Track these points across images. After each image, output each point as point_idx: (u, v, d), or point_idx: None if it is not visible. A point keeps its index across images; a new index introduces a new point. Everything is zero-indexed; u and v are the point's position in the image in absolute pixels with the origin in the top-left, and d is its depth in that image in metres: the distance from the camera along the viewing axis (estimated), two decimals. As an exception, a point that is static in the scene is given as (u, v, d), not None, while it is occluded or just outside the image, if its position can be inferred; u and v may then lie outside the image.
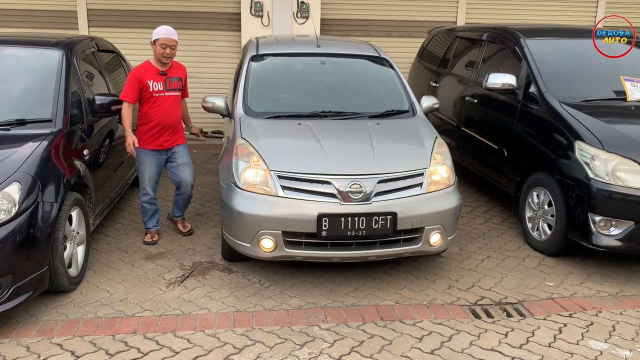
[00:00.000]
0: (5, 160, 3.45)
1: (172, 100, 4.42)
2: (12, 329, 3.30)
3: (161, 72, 4.35)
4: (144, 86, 4.28)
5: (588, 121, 4.32)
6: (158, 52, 4.29)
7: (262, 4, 7.87)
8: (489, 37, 5.89)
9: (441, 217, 3.79)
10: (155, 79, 4.33)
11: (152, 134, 4.38)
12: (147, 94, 4.31)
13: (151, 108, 4.34)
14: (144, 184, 4.48)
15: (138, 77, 4.26)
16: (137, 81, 4.26)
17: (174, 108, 4.43)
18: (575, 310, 3.69)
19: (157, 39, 4.27)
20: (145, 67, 4.35)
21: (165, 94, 4.36)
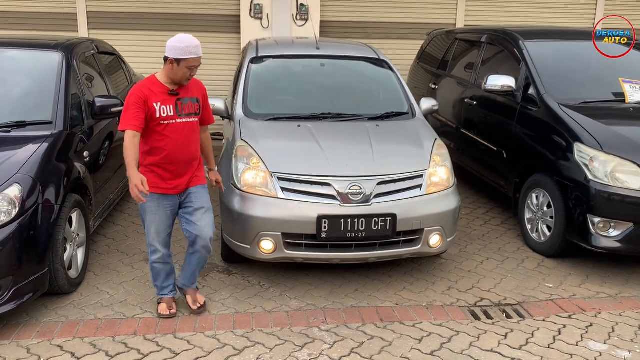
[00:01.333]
0: (5, 162, 3.46)
1: (186, 129, 3.30)
2: (13, 331, 3.30)
3: (171, 92, 3.25)
4: (149, 111, 3.19)
5: (587, 123, 4.33)
6: (180, 73, 3.20)
7: (262, 6, 7.89)
8: (488, 39, 5.90)
9: (441, 218, 3.80)
10: (164, 101, 3.22)
11: (160, 173, 3.30)
12: (154, 120, 3.21)
13: (159, 139, 3.25)
14: (151, 239, 3.40)
15: (143, 97, 3.16)
16: (142, 103, 3.15)
17: (188, 138, 3.32)
18: (574, 311, 3.70)
19: (184, 59, 3.15)
20: (151, 84, 3.24)
21: (176, 121, 3.25)
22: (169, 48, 3.16)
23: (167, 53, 3.17)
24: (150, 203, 3.30)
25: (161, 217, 3.36)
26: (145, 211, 3.36)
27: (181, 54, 3.14)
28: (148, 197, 3.19)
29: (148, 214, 3.36)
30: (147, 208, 3.34)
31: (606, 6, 8.86)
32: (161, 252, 3.43)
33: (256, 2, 7.88)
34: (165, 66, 3.21)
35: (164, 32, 8.05)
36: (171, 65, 3.18)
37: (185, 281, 3.59)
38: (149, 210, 3.35)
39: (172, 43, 3.17)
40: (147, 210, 3.35)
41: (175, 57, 3.15)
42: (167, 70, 3.22)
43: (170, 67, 3.20)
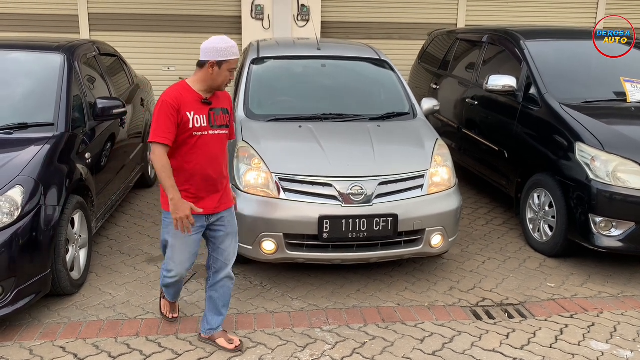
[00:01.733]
0: (7, 164, 3.47)
1: (218, 142, 2.98)
2: (15, 332, 3.31)
3: (204, 101, 2.92)
4: (182, 121, 2.84)
5: (588, 122, 4.33)
6: (221, 78, 2.89)
7: (263, 7, 7.90)
8: (489, 39, 5.90)
9: (442, 218, 3.80)
10: (197, 110, 2.89)
11: (190, 191, 2.94)
12: (186, 131, 2.86)
13: (190, 152, 2.90)
14: (172, 265, 3.05)
15: (176, 106, 2.82)
16: (175, 112, 2.81)
17: (220, 152, 3.00)
18: (576, 311, 3.69)
19: (227, 61, 2.85)
20: (182, 91, 2.89)
21: (209, 132, 2.93)
22: (208, 50, 2.83)
23: (206, 56, 2.84)
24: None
25: (188, 243, 2.98)
26: (170, 234, 2.97)
27: (224, 55, 2.83)
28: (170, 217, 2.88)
29: (172, 238, 2.98)
30: (172, 231, 2.95)
31: (607, 6, 8.85)
32: (181, 273, 3.09)
33: (257, 3, 7.90)
34: (201, 71, 2.88)
35: (165, 33, 8.09)
36: (211, 70, 2.84)
37: (213, 324, 3.18)
38: (174, 234, 2.95)
39: (212, 45, 2.84)
40: (172, 234, 2.96)
41: (218, 60, 2.82)
42: (205, 75, 2.87)
43: (209, 72, 2.85)
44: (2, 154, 3.59)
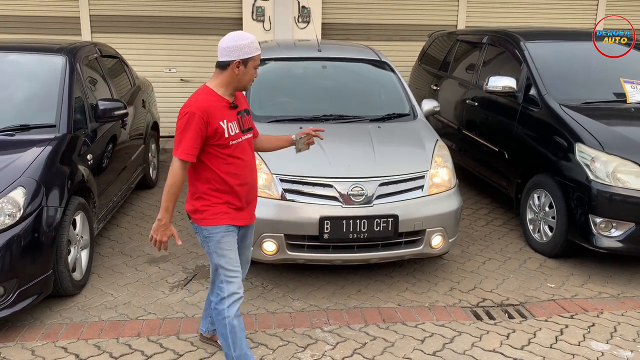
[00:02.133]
0: (9, 165, 3.49)
1: (250, 146, 2.83)
2: (17, 333, 3.32)
3: (232, 105, 2.72)
4: (214, 131, 2.62)
5: (588, 123, 4.34)
6: (247, 77, 2.69)
7: (264, 8, 7.92)
8: (489, 40, 5.91)
9: (442, 219, 3.81)
10: (229, 117, 2.68)
11: (234, 202, 2.74)
12: (222, 142, 2.65)
13: (229, 163, 2.70)
14: (234, 285, 2.73)
15: (205, 119, 2.58)
16: (204, 126, 2.58)
17: (253, 157, 2.84)
18: (576, 311, 3.70)
19: (252, 58, 2.66)
20: (209, 98, 2.66)
21: (242, 138, 2.75)
22: (231, 49, 2.61)
23: (229, 55, 2.62)
24: (227, 236, 2.72)
25: (236, 253, 2.77)
26: (222, 249, 2.72)
27: (249, 51, 2.62)
28: (220, 231, 2.70)
29: (225, 251, 2.72)
30: (224, 244, 2.72)
31: (607, 6, 8.87)
32: (240, 293, 2.76)
33: (258, 4, 7.91)
34: (224, 73, 2.66)
35: (166, 35, 8.11)
36: (237, 70, 2.63)
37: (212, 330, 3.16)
38: (227, 247, 2.72)
39: (233, 42, 2.62)
40: (224, 247, 2.72)
41: (243, 58, 2.61)
42: (230, 77, 2.65)
43: (234, 72, 2.64)
44: (4, 156, 3.61)
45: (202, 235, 2.75)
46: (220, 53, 2.66)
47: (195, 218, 2.74)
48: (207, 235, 2.72)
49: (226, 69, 2.65)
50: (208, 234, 2.72)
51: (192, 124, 2.56)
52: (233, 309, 2.72)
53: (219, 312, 2.73)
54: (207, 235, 2.72)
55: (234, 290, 2.72)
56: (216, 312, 2.75)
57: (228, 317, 2.70)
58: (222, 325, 2.73)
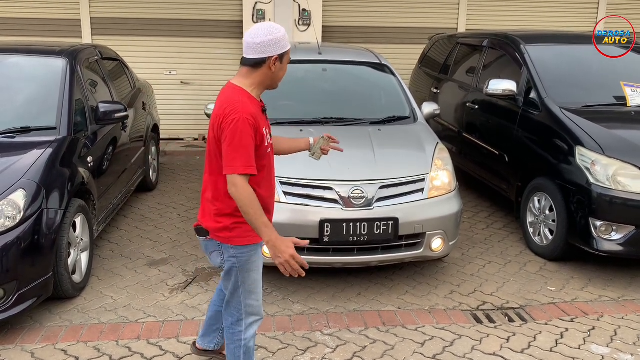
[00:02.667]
0: (10, 168, 3.49)
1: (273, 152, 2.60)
2: (17, 335, 3.32)
3: (264, 108, 2.44)
4: (261, 141, 2.34)
5: (588, 126, 4.34)
6: (282, 73, 2.41)
7: (264, 11, 7.93)
8: (489, 43, 5.92)
9: (443, 222, 3.81)
10: (266, 123, 2.42)
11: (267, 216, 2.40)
12: (262, 151, 2.36)
13: (265, 175, 2.42)
14: (256, 307, 2.54)
15: (255, 124, 2.28)
16: (254, 132, 2.28)
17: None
18: (577, 314, 3.70)
19: (287, 52, 2.38)
20: (251, 101, 2.34)
21: (272, 145, 2.52)
22: (267, 44, 2.29)
23: (265, 52, 2.30)
24: (252, 257, 2.45)
25: (261, 273, 2.53)
26: (246, 271, 2.45)
27: (284, 45, 2.33)
28: (247, 251, 2.41)
29: (250, 273, 2.47)
30: (247, 266, 2.45)
31: (607, 9, 8.88)
32: (262, 317, 2.60)
33: (259, 7, 7.93)
34: (258, 72, 2.34)
35: (167, 37, 8.12)
36: (273, 67, 2.33)
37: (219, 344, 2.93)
38: (252, 267, 2.46)
39: (269, 36, 2.29)
40: (250, 269, 2.46)
41: (280, 53, 2.32)
42: (265, 75, 2.35)
43: (271, 70, 2.33)
44: (5, 158, 3.61)
45: (229, 254, 2.43)
46: (251, 49, 2.31)
47: (222, 236, 2.41)
48: (236, 255, 2.42)
49: (261, 67, 2.32)
50: (238, 254, 2.42)
51: (245, 131, 2.22)
52: (251, 331, 2.54)
53: (235, 333, 2.53)
54: (236, 255, 2.42)
55: (255, 312, 2.53)
56: (232, 332, 2.54)
57: (245, 339, 2.53)
58: (236, 346, 2.55)
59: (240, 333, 2.53)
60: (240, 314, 2.51)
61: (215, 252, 2.48)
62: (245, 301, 2.49)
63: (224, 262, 2.46)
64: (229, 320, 2.56)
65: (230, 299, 2.53)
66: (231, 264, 2.45)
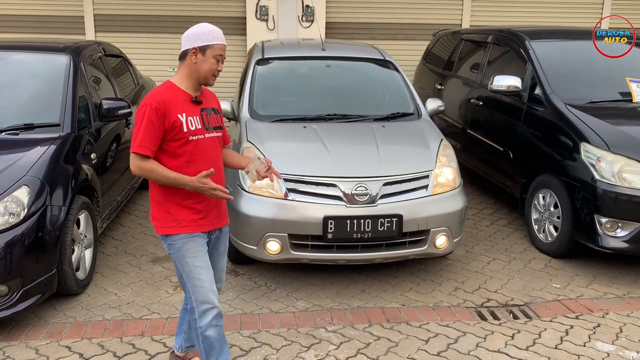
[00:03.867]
0: (14, 165, 3.49)
1: (215, 146, 2.65)
2: (21, 332, 3.32)
3: (194, 100, 2.57)
4: (172, 126, 2.48)
5: (594, 123, 4.32)
6: (206, 66, 2.52)
7: (268, 8, 7.91)
8: (494, 39, 5.89)
9: (447, 219, 3.80)
10: (189, 111, 2.53)
11: (193, 205, 2.57)
12: (181, 137, 2.50)
13: (189, 160, 2.52)
14: (203, 294, 2.57)
15: (162, 110, 2.45)
16: (159, 119, 2.45)
17: (218, 158, 2.67)
18: (581, 312, 3.68)
19: (211, 46, 2.51)
20: (169, 91, 2.53)
21: (205, 136, 2.57)
22: (189, 37, 2.52)
23: (188, 44, 2.52)
24: (194, 246, 2.56)
25: (206, 259, 2.61)
26: (184, 258, 2.56)
27: (207, 39, 2.50)
28: (184, 239, 2.55)
29: (190, 260, 2.56)
30: (190, 252, 2.55)
31: (613, 5, 8.82)
32: (218, 307, 2.61)
33: (262, 3, 7.90)
34: (183, 64, 2.55)
35: (170, 34, 8.10)
36: (194, 57, 2.50)
37: (193, 341, 2.91)
38: (189, 254, 2.56)
39: (192, 31, 2.53)
40: (187, 255, 2.56)
41: (200, 45, 2.49)
42: (189, 67, 2.53)
43: (192, 61, 2.51)
44: (9, 155, 3.61)
45: (166, 243, 2.59)
46: (182, 44, 2.56)
47: (155, 226, 2.58)
48: (170, 243, 2.57)
49: (185, 60, 2.54)
50: (171, 242, 2.56)
51: (148, 115, 2.44)
52: (205, 320, 2.57)
53: (193, 321, 2.63)
54: (170, 243, 2.57)
55: (204, 300, 2.56)
56: (192, 319, 2.64)
57: (201, 327, 2.58)
58: (196, 334, 2.63)
59: (195, 321, 2.61)
60: (192, 301, 2.59)
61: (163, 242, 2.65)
62: (192, 289, 2.58)
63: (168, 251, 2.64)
64: (188, 309, 2.69)
65: (183, 287, 2.67)
66: (169, 252, 2.61)
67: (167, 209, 2.55)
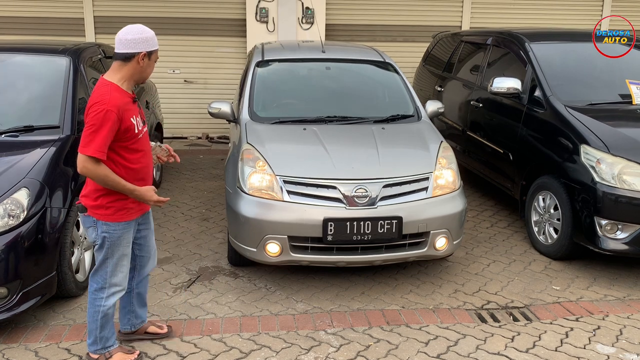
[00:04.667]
0: (13, 167, 3.49)
1: (147, 137, 2.95)
2: (21, 334, 3.32)
3: (135, 99, 2.81)
4: (127, 129, 2.69)
5: (593, 125, 4.32)
6: (149, 69, 2.78)
7: (268, 9, 7.92)
8: (493, 41, 5.90)
9: (447, 221, 3.80)
10: (135, 112, 2.77)
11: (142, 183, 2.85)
12: (132, 138, 2.74)
13: (137, 156, 2.79)
14: (119, 278, 2.87)
15: (120, 116, 2.63)
16: (117, 125, 2.63)
17: (150, 146, 2.98)
18: (581, 314, 3.68)
19: (155, 51, 2.76)
20: (119, 95, 2.68)
21: (145, 130, 2.87)
22: (137, 41, 2.66)
23: (135, 47, 2.66)
24: (125, 234, 2.82)
25: (130, 248, 2.90)
26: (118, 245, 2.81)
27: (153, 44, 2.72)
28: (119, 227, 2.78)
29: (119, 247, 2.82)
30: (121, 241, 2.82)
31: (612, 7, 8.84)
32: (125, 289, 2.94)
33: (262, 5, 7.91)
34: (127, 66, 2.69)
35: (170, 36, 8.11)
36: (142, 62, 2.70)
37: (144, 316, 3.23)
38: (122, 243, 2.82)
39: (137, 35, 2.67)
40: (120, 244, 2.81)
41: (149, 50, 2.70)
42: (133, 69, 2.70)
43: (139, 64, 2.70)
44: (8, 157, 3.61)
45: (101, 229, 2.78)
46: (123, 45, 2.66)
47: (97, 213, 2.77)
48: (108, 230, 2.78)
49: (130, 61, 2.69)
50: (109, 230, 2.78)
51: (108, 122, 2.58)
52: (112, 300, 2.89)
53: (97, 299, 2.87)
54: (107, 230, 2.78)
55: (118, 283, 2.89)
56: (94, 297, 2.87)
57: (105, 306, 2.87)
58: (95, 310, 2.87)
59: (101, 300, 2.87)
60: (105, 282, 2.86)
61: (91, 228, 2.82)
62: (112, 272, 2.85)
63: (97, 237, 2.81)
64: (94, 287, 2.89)
65: (98, 268, 2.87)
66: (100, 238, 2.80)
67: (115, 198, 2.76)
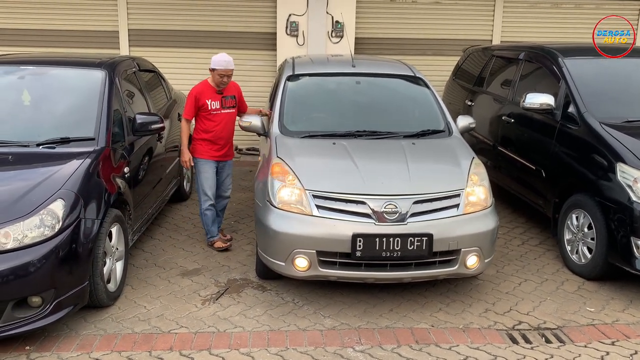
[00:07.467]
0: (50, 178, 3.56)
1: (227, 117, 4.81)
2: (53, 343, 3.37)
3: (218, 91, 4.73)
4: (202, 105, 4.66)
5: (630, 142, 4.21)
6: (216, 79, 4.65)
7: (298, 23, 7.98)
8: (525, 56, 5.82)
9: (478, 239, 3.74)
10: (213, 98, 4.71)
11: (210, 145, 4.75)
12: (206, 111, 4.69)
13: (210, 123, 4.72)
14: (205, 191, 4.76)
15: (197, 96, 4.65)
16: (195, 100, 4.65)
17: (228, 123, 4.82)
18: (617, 337, 3.57)
19: (216, 69, 4.59)
20: (203, 87, 4.71)
21: (222, 112, 4.75)
22: (212, 61, 4.64)
23: (211, 64, 4.66)
24: (205, 165, 4.75)
25: (211, 175, 4.78)
26: (201, 172, 4.77)
27: (214, 64, 4.64)
28: (201, 161, 4.75)
29: (202, 174, 4.77)
30: (202, 169, 4.75)
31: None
32: (212, 200, 4.78)
33: (292, 19, 7.98)
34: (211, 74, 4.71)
35: (202, 49, 8.23)
36: (211, 72, 4.68)
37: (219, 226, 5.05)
38: (203, 170, 4.76)
39: (213, 57, 4.65)
40: (202, 171, 4.76)
41: (211, 67, 4.65)
42: (211, 76, 4.71)
43: (211, 74, 4.70)
44: (45, 168, 3.69)
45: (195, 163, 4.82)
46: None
47: (190, 150, 4.84)
48: (195, 162, 4.80)
49: (212, 72, 4.70)
50: (195, 162, 4.80)
51: (189, 98, 4.71)
52: (204, 205, 4.80)
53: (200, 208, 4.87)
54: (195, 162, 4.80)
55: (206, 199, 4.78)
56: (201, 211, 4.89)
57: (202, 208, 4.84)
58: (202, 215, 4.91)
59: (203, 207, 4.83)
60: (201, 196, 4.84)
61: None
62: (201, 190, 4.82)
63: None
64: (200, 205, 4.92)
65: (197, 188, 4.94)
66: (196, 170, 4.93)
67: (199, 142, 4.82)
